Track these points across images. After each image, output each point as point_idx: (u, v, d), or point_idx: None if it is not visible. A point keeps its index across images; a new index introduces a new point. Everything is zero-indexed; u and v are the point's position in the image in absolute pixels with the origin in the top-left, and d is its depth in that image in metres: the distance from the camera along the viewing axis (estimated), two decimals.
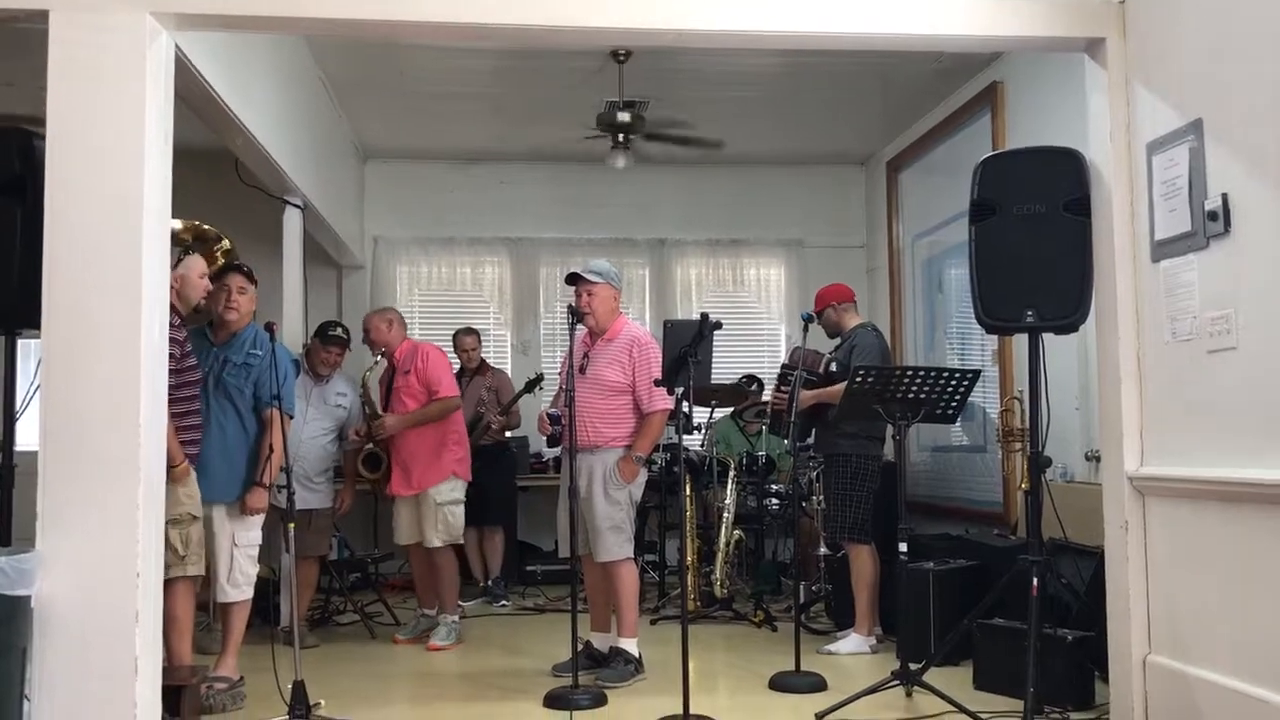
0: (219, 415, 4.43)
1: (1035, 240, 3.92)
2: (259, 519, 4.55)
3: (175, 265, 4.22)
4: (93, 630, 3.36)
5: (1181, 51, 3.60)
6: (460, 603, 6.40)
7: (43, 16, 3.46)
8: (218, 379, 4.45)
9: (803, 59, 6.42)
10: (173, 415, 4.04)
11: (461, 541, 5.90)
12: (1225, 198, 3.35)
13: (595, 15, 3.83)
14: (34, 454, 3.42)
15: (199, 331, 4.54)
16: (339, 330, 5.91)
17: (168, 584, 4.02)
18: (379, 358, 5.98)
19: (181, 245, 4.33)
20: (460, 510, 5.74)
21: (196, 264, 4.32)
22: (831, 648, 5.29)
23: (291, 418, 4.78)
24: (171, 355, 4.06)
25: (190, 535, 4.16)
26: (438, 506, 5.63)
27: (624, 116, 6.71)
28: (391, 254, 8.53)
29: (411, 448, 5.69)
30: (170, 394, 4.03)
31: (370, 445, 5.86)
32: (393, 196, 8.55)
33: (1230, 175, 3.35)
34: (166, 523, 4.03)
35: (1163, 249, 3.67)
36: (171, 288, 4.19)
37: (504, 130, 7.86)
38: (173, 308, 4.16)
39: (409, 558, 6.05)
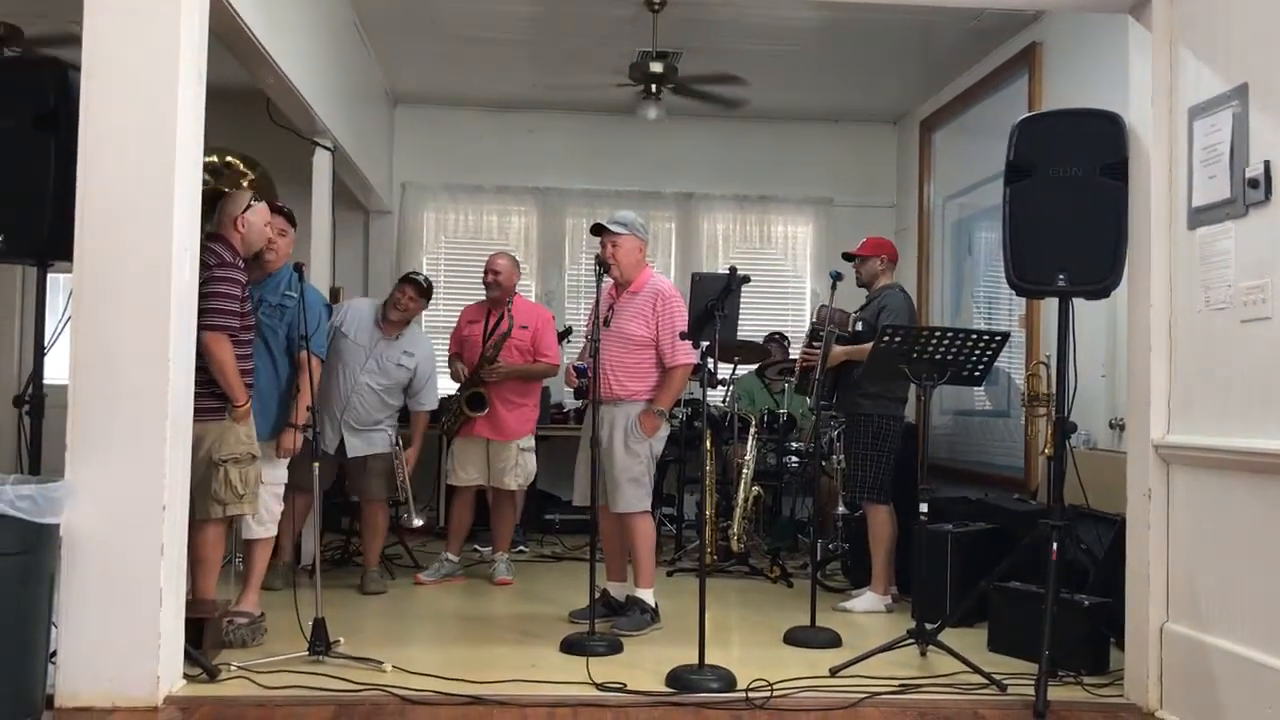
0: (252, 355, 4.45)
1: (1070, 203, 3.89)
2: (286, 459, 4.60)
3: (245, 209, 4.24)
4: (118, 561, 3.42)
5: (1229, 14, 3.53)
6: (478, 548, 6.47)
7: None
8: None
9: (839, 14, 6.34)
10: (237, 357, 4.09)
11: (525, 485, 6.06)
12: (1268, 165, 3.29)
13: None
14: (63, 386, 3.46)
15: None
16: (420, 276, 5.75)
17: (201, 524, 4.08)
18: (508, 307, 5.80)
19: (249, 189, 4.34)
20: (534, 458, 5.96)
21: (263, 211, 4.34)
22: (847, 605, 5.32)
23: (323, 361, 4.81)
24: (236, 296, 4.09)
25: (249, 474, 4.20)
26: (520, 452, 5.84)
27: (656, 67, 6.65)
28: (419, 200, 8.52)
29: (509, 398, 5.82)
30: (235, 335, 4.07)
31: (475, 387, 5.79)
32: (422, 142, 8.52)
33: (1274, 142, 3.29)
34: (226, 461, 4.08)
35: (1200, 216, 3.63)
36: (237, 231, 4.22)
37: (535, 78, 7.80)
38: (236, 251, 4.20)
39: (455, 500, 6.04)
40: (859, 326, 5.39)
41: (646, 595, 4.83)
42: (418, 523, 5.76)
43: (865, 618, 5.17)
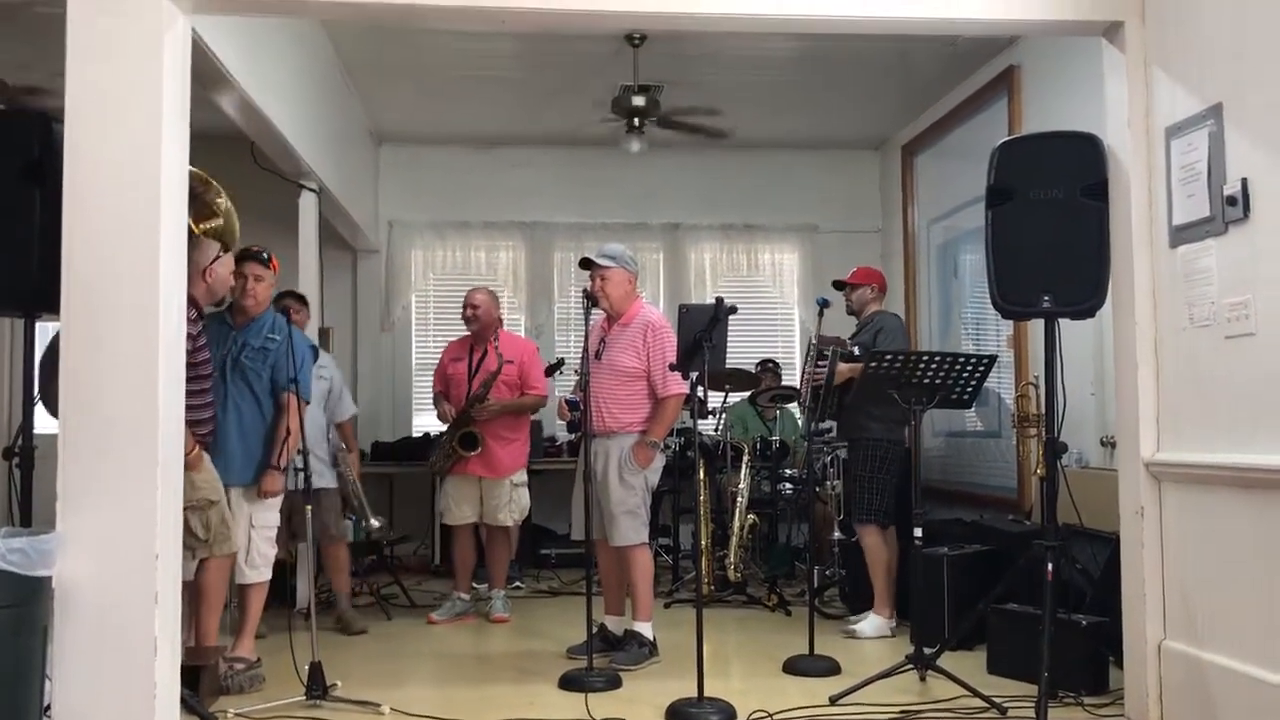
0: (236, 398, 4.45)
1: (1052, 225, 3.90)
2: (276, 501, 4.58)
3: (213, 261, 4.23)
4: (112, 610, 3.38)
5: (1202, 35, 3.58)
6: (475, 584, 6.44)
7: (61, 1, 3.47)
8: (235, 362, 4.47)
9: (817, 43, 6.40)
10: (190, 406, 4.05)
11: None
12: (1245, 183, 3.33)
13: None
14: (53, 436, 3.45)
15: (218, 316, 4.57)
16: (293, 296, 5.79)
17: (202, 561, 4.06)
18: (494, 343, 5.82)
19: (220, 243, 4.33)
20: (528, 492, 5.95)
21: (229, 261, 4.35)
22: (854, 628, 5.31)
23: (308, 403, 4.80)
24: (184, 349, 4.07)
25: (210, 519, 4.17)
26: (514, 487, 5.84)
27: (639, 101, 6.70)
28: (406, 238, 8.54)
29: (501, 433, 5.82)
30: None
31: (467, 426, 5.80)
32: (407, 180, 8.56)
33: (1250, 160, 3.33)
34: (185, 509, 4.05)
35: (1181, 234, 3.66)
36: (204, 281, 4.21)
37: (518, 114, 7.85)
38: (193, 300, 4.18)
39: (456, 538, 6.03)
40: (855, 350, 5.41)
41: (645, 628, 4.81)
42: (376, 524, 5.79)
43: (864, 644, 5.16)
